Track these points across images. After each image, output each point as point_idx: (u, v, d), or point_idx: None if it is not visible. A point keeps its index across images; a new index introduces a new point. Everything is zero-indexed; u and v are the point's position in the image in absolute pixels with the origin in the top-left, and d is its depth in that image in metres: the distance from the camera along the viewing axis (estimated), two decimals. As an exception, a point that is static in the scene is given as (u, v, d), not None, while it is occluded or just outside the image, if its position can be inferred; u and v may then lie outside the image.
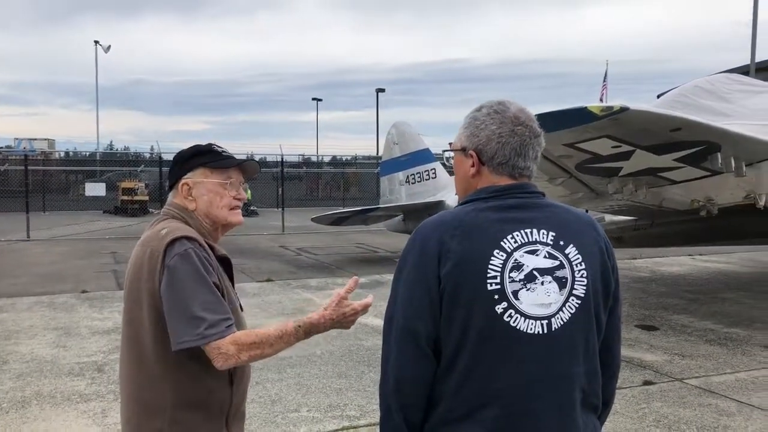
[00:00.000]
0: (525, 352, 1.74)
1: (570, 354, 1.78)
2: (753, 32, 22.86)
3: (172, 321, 1.98)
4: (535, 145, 1.87)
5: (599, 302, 1.84)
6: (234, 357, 1.96)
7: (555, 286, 1.76)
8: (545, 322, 1.75)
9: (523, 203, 1.82)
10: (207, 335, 1.95)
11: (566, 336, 1.77)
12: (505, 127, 1.83)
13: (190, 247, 2.04)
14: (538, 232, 1.78)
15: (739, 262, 13.23)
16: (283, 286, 10.91)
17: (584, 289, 1.78)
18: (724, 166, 6.70)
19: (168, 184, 2.29)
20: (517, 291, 1.73)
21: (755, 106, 9.26)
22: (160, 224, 2.17)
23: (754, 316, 8.48)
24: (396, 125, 16.43)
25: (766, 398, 5.43)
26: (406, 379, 1.80)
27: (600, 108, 5.58)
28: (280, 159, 24.74)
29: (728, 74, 11.02)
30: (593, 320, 1.82)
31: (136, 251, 2.15)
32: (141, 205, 27.87)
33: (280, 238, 18.78)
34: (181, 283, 1.99)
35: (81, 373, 6.14)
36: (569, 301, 1.77)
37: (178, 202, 2.24)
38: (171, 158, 15.16)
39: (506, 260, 1.74)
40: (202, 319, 1.96)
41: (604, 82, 32.61)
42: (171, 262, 2.01)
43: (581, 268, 1.79)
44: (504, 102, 1.88)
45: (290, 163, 38.89)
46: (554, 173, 7.31)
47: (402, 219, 15.36)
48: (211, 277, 2.05)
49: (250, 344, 1.98)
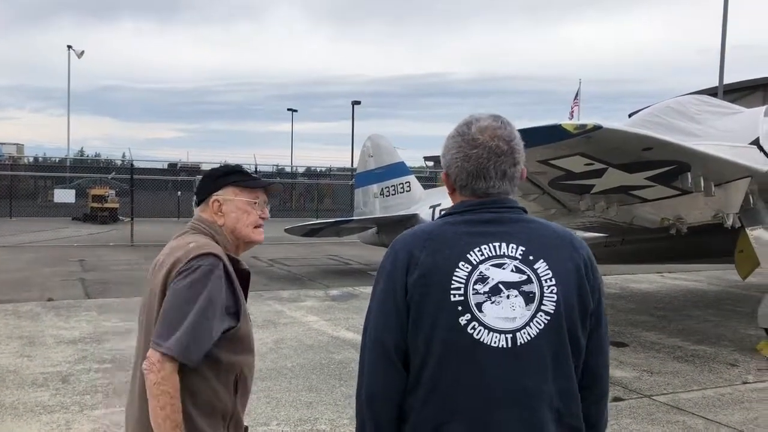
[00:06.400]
0: (489, 364, 1.73)
1: (536, 370, 1.75)
2: (721, 56, 23.42)
3: (160, 322, 2.06)
4: (500, 163, 1.84)
5: (575, 321, 1.79)
6: (153, 376, 2.00)
7: (521, 300, 1.75)
8: (509, 336, 1.74)
9: (497, 218, 1.83)
10: (161, 344, 2.02)
11: (532, 352, 1.74)
12: (461, 152, 1.85)
13: (213, 266, 2.12)
14: (507, 246, 1.78)
15: (707, 280, 13.45)
16: (254, 297, 10.79)
17: (554, 305, 1.76)
18: (693, 186, 6.82)
19: (197, 199, 2.38)
20: (481, 303, 1.74)
21: (723, 127, 9.46)
22: (188, 237, 2.27)
23: (721, 334, 8.61)
24: (371, 138, 16.46)
25: (731, 415, 5.50)
26: (377, 394, 1.82)
27: (574, 126, 5.66)
28: (254, 169, 24.52)
29: (698, 95, 11.25)
30: (566, 338, 1.78)
31: (161, 260, 2.22)
32: (111, 212, 27.48)
33: (252, 249, 18.60)
34: (189, 295, 2.06)
35: (45, 383, 5.99)
36: (537, 317, 1.75)
37: (206, 217, 2.34)
38: (142, 166, 14.98)
39: (471, 272, 1.75)
40: (179, 334, 2.02)
41: (575, 100, 33.16)
42: (192, 272, 2.09)
43: (551, 284, 1.77)
44: (471, 121, 1.88)
45: (265, 173, 38.73)
46: (527, 189, 7.37)
47: (376, 231, 15.35)
48: (220, 300, 2.11)
49: (163, 393, 2.00)
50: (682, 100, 10.33)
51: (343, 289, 11.76)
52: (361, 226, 15.50)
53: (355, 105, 46.41)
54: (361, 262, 16.45)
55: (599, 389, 1.91)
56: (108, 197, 27.82)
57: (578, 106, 36.22)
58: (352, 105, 46.35)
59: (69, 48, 43.98)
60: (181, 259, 2.12)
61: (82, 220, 27.14)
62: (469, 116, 1.91)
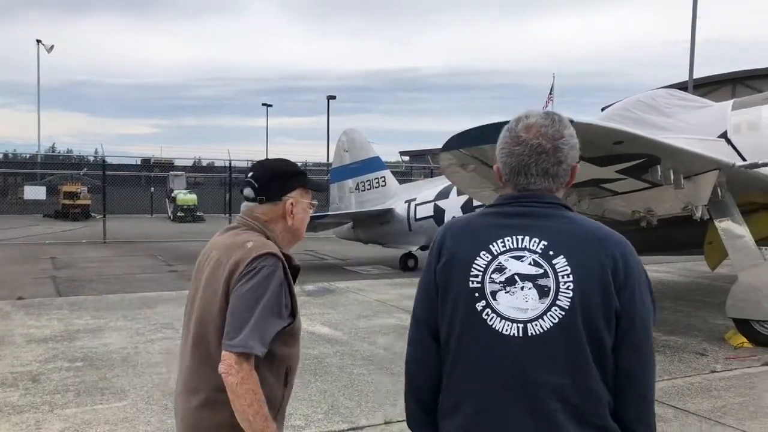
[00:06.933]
0: (500, 351, 1.81)
1: (547, 362, 1.79)
2: (691, 51, 23.73)
3: (229, 325, 2.14)
4: (541, 161, 1.87)
5: (596, 319, 1.79)
6: (233, 378, 2.08)
7: (535, 293, 1.79)
8: (521, 326, 1.79)
9: (528, 212, 1.87)
10: (233, 345, 2.10)
11: (543, 344, 1.78)
12: (507, 148, 1.91)
13: (275, 266, 2.20)
14: (530, 240, 1.83)
15: (677, 271, 13.66)
16: (229, 293, 10.72)
17: (569, 301, 1.78)
18: (663, 179, 6.91)
19: (260, 196, 2.36)
20: (496, 292, 1.82)
21: (693, 120, 9.60)
22: (243, 234, 2.31)
23: (691, 324, 8.76)
24: (346, 132, 16.43)
25: (700, 403, 5.60)
26: (413, 361, 2.02)
27: (545, 120, 5.68)
28: (228, 164, 24.32)
29: (668, 90, 11.39)
30: (582, 335, 1.78)
31: (216, 256, 2.28)
32: (83, 209, 27.15)
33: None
34: (254, 296, 2.14)
35: (14, 383, 5.91)
36: (551, 311, 1.78)
37: (260, 215, 2.36)
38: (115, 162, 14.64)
39: (490, 262, 1.84)
40: (247, 332, 2.11)
41: (549, 94, 33.41)
42: (255, 274, 2.17)
43: (568, 280, 1.79)
44: (521, 117, 1.92)
45: (239, 168, 38.40)
46: (500, 183, 7.41)
47: (351, 226, 15.35)
48: (280, 298, 2.20)
49: (248, 391, 2.09)
50: (652, 94, 10.47)
51: (319, 284, 11.73)
52: (337, 221, 15.48)
53: (330, 100, 46.32)
54: (336, 257, 16.44)
55: (634, 391, 1.85)
56: (80, 194, 27.48)
57: (552, 100, 36.52)
58: (328, 100, 46.26)
59: (38, 42, 43.25)
60: (243, 260, 2.19)
61: (54, 217, 26.80)
62: (523, 112, 1.94)
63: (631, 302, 1.80)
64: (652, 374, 1.88)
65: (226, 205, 22.97)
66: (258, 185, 2.35)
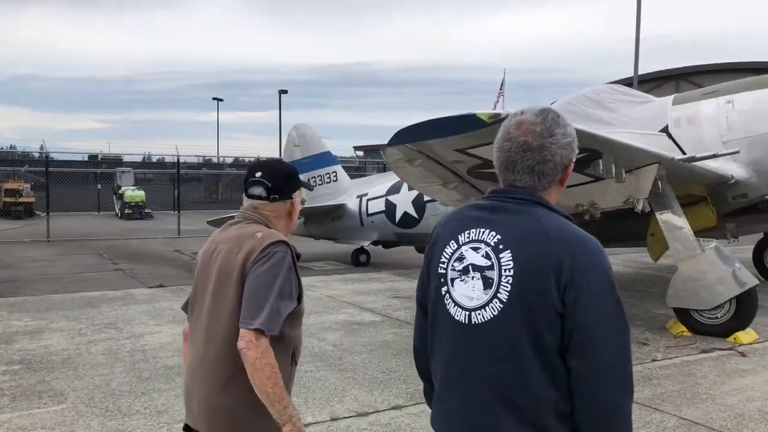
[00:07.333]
0: (452, 335, 1.92)
1: (486, 352, 1.83)
2: (636, 47, 24.28)
3: (246, 304, 2.33)
4: (527, 159, 1.88)
5: (535, 316, 1.78)
6: (253, 353, 2.26)
7: (480, 284, 1.86)
8: (467, 313, 1.88)
9: (497, 206, 1.93)
10: (251, 323, 2.29)
11: (484, 334, 1.84)
12: (498, 143, 1.95)
13: (286, 252, 2.43)
14: (488, 233, 1.89)
15: (622, 263, 13.96)
16: (176, 291, 10.55)
17: (507, 294, 1.81)
18: (605, 173, 7.04)
19: (274, 195, 2.58)
20: (454, 279, 1.92)
21: (635, 115, 9.84)
22: (250, 227, 2.52)
23: (634, 314, 8.96)
24: (297, 127, 16.29)
25: (641, 392, 5.72)
26: (417, 346, 2.16)
27: (489, 115, 5.73)
28: (177, 160, 23.88)
29: (613, 85, 11.64)
30: (522, 330, 1.79)
31: (225, 248, 2.48)
32: (26, 207, 26.34)
33: (175, 242, 18.21)
34: (269, 278, 2.35)
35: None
36: (492, 303, 1.84)
37: (272, 213, 2.59)
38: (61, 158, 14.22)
39: (455, 251, 1.94)
40: (266, 312, 2.30)
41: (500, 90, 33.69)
42: (269, 259, 2.38)
43: (508, 274, 1.82)
44: (517, 114, 1.95)
45: (189, 164, 37.75)
46: (447, 178, 7.45)
47: (303, 222, 15.22)
48: (292, 282, 2.42)
49: (267, 365, 2.27)
50: (597, 90, 10.68)
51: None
52: (288, 217, 15.33)
53: (282, 94, 45.90)
54: (288, 253, 16.28)
55: (586, 398, 1.79)
56: (22, 191, 26.64)
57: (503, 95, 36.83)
58: (279, 94, 45.82)
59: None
60: (257, 247, 2.40)
61: (-6, 215, 25.86)
62: (521, 109, 1.96)
63: (576, 303, 1.77)
64: (607, 382, 1.78)
65: (175, 202, 22.50)
66: (271, 185, 2.57)
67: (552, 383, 1.79)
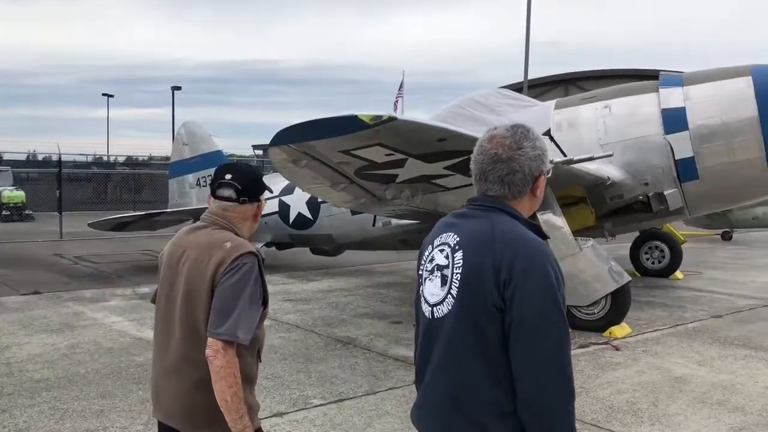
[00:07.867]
0: (423, 331, 2.10)
1: (442, 345, 2.00)
2: (526, 53, 25.12)
3: (215, 314, 2.43)
4: (497, 170, 2.03)
5: (477, 310, 1.93)
6: (219, 361, 2.37)
7: (439, 281, 2.03)
8: (431, 309, 2.05)
9: (468, 213, 2.09)
10: (220, 333, 2.39)
11: (442, 328, 2.01)
12: (473, 157, 2.11)
13: (254, 263, 2.50)
14: (453, 236, 2.05)
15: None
16: (52, 298, 9.95)
17: (457, 290, 1.98)
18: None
19: (243, 197, 2.62)
20: (426, 278, 2.10)
21: (520, 118, 10.06)
22: (218, 234, 2.57)
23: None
24: (185, 125, 15.75)
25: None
26: (414, 356, 2.21)
27: (369, 117, 5.70)
28: (58, 158, 22.60)
29: (500, 89, 11.99)
30: (468, 324, 1.95)
31: (193, 255, 2.54)
32: None
33: (56, 246, 17.21)
34: (236, 290, 2.44)
35: None
36: (447, 299, 2.00)
37: (238, 216, 2.64)
38: None
39: (430, 253, 2.11)
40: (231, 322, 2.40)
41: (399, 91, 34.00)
42: (237, 270, 2.46)
43: (457, 272, 1.99)
44: (491, 129, 2.12)
45: (79, 163, 35.79)
46: (335, 179, 7.38)
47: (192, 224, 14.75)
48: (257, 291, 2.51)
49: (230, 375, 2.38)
50: (485, 93, 10.97)
51: (155, 286, 11.14)
52: (177, 218, 14.80)
53: (175, 90, 44.46)
54: (179, 255, 15.72)
55: (522, 394, 1.89)
56: None
57: (402, 97, 37.21)
58: (173, 90, 44.37)
59: None
60: (226, 259, 2.47)
61: None
62: (497, 125, 2.13)
63: (512, 300, 1.89)
64: (543, 380, 1.87)
65: (58, 202, 21.25)
66: (242, 188, 2.61)
67: (495, 378, 1.91)
